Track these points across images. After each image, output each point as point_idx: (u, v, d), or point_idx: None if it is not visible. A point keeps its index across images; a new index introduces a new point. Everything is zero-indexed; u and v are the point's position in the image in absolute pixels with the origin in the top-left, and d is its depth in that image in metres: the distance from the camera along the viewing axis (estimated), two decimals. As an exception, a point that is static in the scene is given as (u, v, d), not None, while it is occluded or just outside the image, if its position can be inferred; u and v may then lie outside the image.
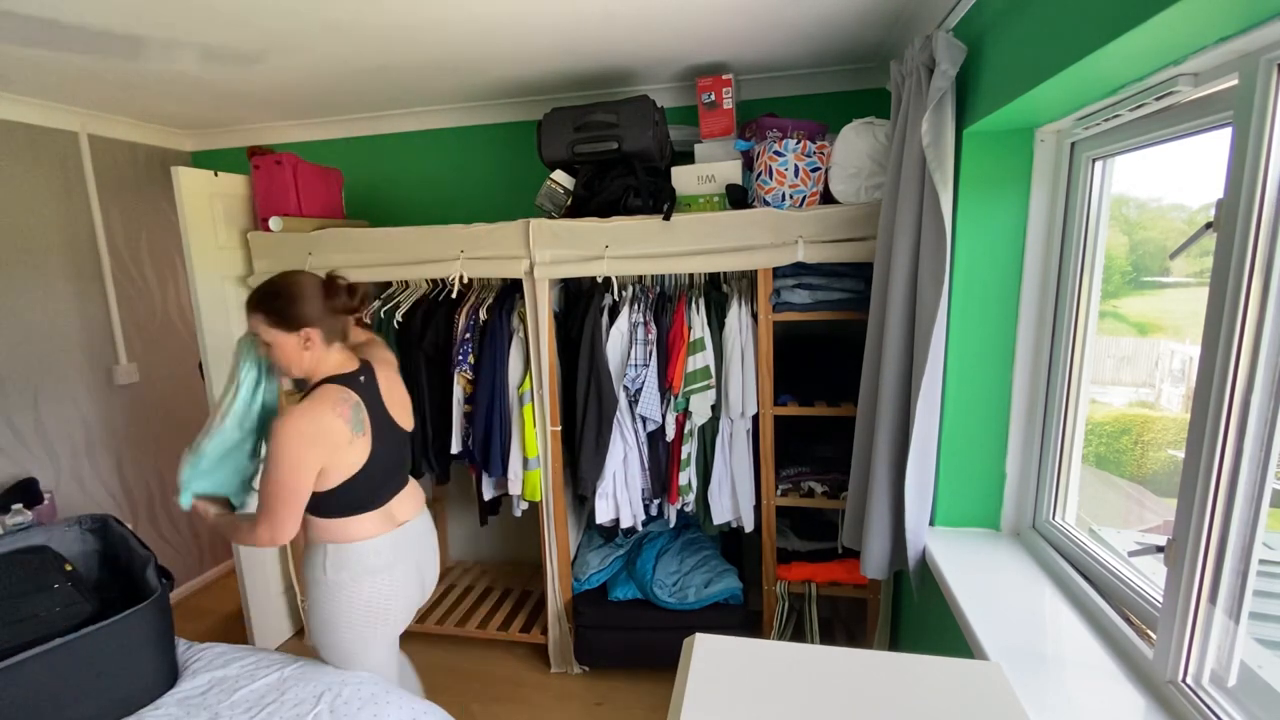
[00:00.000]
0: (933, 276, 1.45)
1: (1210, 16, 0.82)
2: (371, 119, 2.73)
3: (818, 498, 2.17)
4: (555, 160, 2.13)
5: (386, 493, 1.54)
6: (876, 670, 0.94)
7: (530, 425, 2.24)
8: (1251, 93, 0.89)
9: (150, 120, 2.75)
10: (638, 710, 2.23)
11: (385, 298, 2.38)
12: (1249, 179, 0.89)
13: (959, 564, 1.49)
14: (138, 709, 1.47)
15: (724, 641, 0.99)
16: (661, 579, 2.32)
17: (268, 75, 2.13)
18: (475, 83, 2.31)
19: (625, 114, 2.02)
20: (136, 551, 1.75)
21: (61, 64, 1.97)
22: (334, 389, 1.42)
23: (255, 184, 2.36)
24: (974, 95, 1.43)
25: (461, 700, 2.27)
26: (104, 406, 2.70)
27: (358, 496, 1.46)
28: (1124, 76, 1.07)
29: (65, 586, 1.60)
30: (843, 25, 1.87)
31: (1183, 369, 1.35)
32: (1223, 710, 0.95)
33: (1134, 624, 1.19)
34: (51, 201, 2.50)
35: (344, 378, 1.46)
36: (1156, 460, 1.48)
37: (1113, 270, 1.43)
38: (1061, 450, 1.51)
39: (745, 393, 2.08)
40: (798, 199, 1.94)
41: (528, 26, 1.78)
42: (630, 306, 2.15)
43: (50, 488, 2.44)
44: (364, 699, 1.49)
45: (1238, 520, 0.95)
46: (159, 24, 1.67)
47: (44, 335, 2.48)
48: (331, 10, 1.63)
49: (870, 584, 2.15)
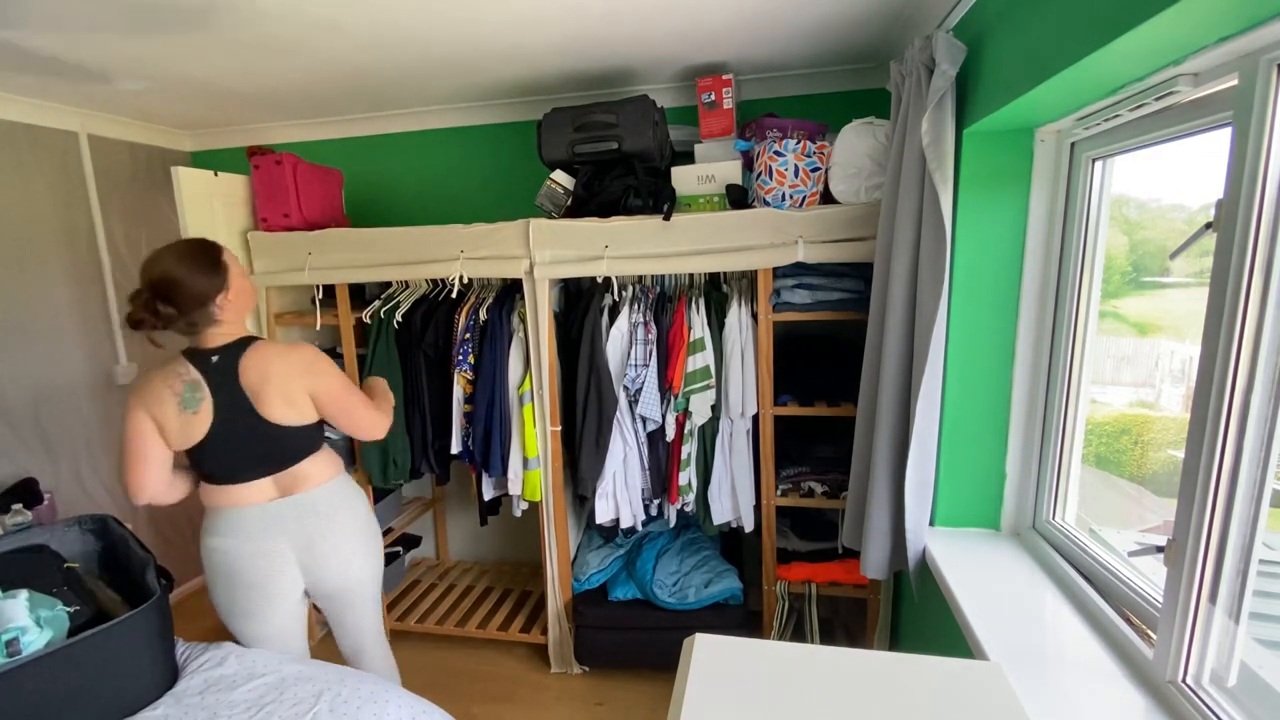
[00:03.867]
0: (933, 276, 1.45)
1: (1210, 16, 0.82)
2: (371, 119, 2.73)
3: (818, 498, 2.17)
4: (555, 160, 2.13)
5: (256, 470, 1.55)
6: (876, 670, 0.94)
7: (530, 425, 2.24)
8: (1251, 93, 0.89)
9: (150, 120, 2.75)
10: (638, 710, 2.23)
11: (385, 298, 2.38)
12: (1249, 179, 0.89)
13: (959, 564, 1.49)
14: (137, 710, 1.47)
15: (724, 641, 0.99)
16: (661, 579, 2.32)
17: (268, 75, 2.13)
18: (475, 82, 2.31)
19: (625, 114, 2.02)
20: (136, 552, 1.75)
21: (62, 64, 1.97)
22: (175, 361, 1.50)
23: (255, 184, 2.36)
24: (974, 95, 1.43)
25: (461, 700, 2.26)
26: (104, 406, 2.69)
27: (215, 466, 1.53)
28: (1124, 76, 1.07)
29: (64, 589, 1.60)
30: (843, 25, 1.87)
31: (1183, 369, 1.35)
32: (1223, 710, 0.95)
33: (1134, 624, 1.19)
34: (51, 201, 2.50)
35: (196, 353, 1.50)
36: (1156, 460, 1.48)
37: (1113, 270, 1.43)
38: (1061, 450, 1.51)
39: (745, 393, 2.08)
40: (798, 199, 1.94)
41: (527, 26, 1.78)
42: (630, 306, 2.14)
43: (50, 488, 2.44)
44: (364, 698, 1.49)
45: (1238, 520, 0.95)
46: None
47: (44, 335, 2.47)
48: (331, 10, 1.63)
49: (870, 584, 2.15)
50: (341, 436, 2.55)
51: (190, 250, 1.46)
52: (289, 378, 1.52)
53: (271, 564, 1.57)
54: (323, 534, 1.61)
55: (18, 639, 1.39)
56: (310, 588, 1.66)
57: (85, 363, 2.62)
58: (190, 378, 1.47)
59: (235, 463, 1.54)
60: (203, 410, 1.47)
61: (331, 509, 1.62)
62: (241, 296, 1.53)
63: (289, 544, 1.58)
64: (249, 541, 1.55)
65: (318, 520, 1.60)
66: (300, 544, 1.59)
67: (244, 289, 1.54)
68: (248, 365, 1.49)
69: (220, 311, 1.48)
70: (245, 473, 1.55)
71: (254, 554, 1.56)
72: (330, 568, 1.63)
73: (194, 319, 1.46)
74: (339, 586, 1.67)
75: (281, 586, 1.60)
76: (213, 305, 1.47)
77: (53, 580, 1.62)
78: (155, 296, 1.41)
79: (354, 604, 1.73)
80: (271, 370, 1.51)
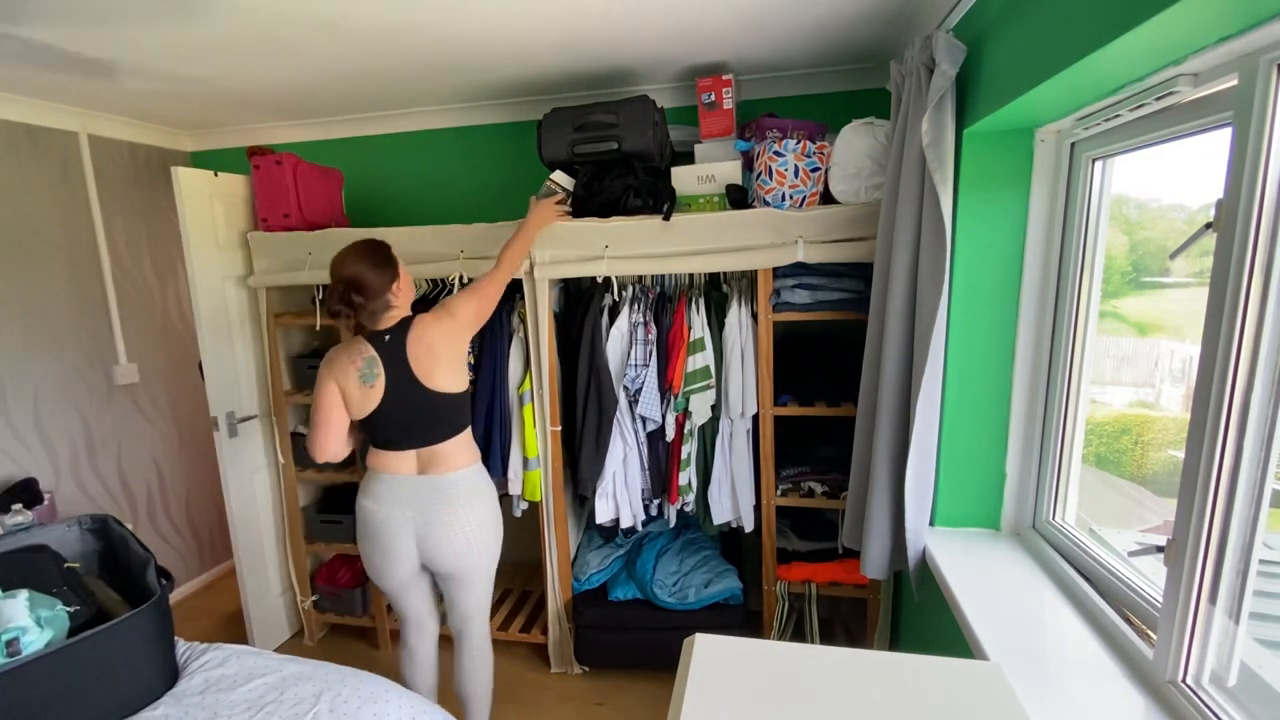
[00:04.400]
0: (933, 276, 1.45)
1: (1210, 16, 0.82)
2: (371, 119, 2.73)
3: (818, 498, 2.17)
4: (555, 160, 2.13)
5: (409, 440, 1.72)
6: (876, 670, 0.94)
7: (530, 425, 2.24)
8: (1251, 93, 0.89)
9: (150, 120, 2.75)
10: (638, 710, 2.23)
11: (385, 298, 2.37)
12: (1249, 179, 0.89)
13: (959, 564, 1.49)
14: (137, 710, 1.47)
15: (724, 641, 0.99)
16: (661, 579, 2.32)
17: (268, 75, 2.13)
18: (475, 83, 2.31)
19: (625, 114, 2.02)
20: (136, 552, 1.75)
21: (60, 55, 1.96)
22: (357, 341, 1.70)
23: (255, 184, 2.36)
24: (974, 95, 1.43)
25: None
26: (104, 406, 2.70)
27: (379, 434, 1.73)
28: (1124, 76, 1.07)
29: (64, 589, 1.60)
30: (843, 25, 1.87)
31: (1183, 369, 1.35)
32: (1223, 710, 0.95)
33: (1134, 624, 1.19)
34: (51, 201, 2.50)
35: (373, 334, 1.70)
36: (1156, 460, 1.48)
37: (1113, 270, 1.43)
38: (1061, 450, 1.51)
39: (745, 393, 2.08)
40: (798, 199, 1.94)
41: (527, 26, 1.78)
42: (630, 306, 2.14)
43: (50, 488, 2.44)
44: (364, 698, 1.49)
45: (1238, 520, 0.95)
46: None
47: (44, 335, 2.48)
48: (329, 10, 1.63)
49: (870, 584, 2.15)
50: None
51: (370, 249, 1.68)
52: (440, 338, 1.71)
53: (394, 531, 1.73)
54: (446, 517, 1.73)
55: (18, 639, 1.39)
56: (426, 563, 1.79)
57: (85, 363, 2.62)
58: (369, 354, 1.67)
59: (397, 430, 1.71)
60: (378, 384, 1.67)
61: (463, 495, 1.76)
62: (408, 284, 1.75)
63: (411, 518, 1.73)
64: (384, 507, 1.73)
65: (446, 504, 1.73)
66: (420, 522, 1.73)
67: (408, 277, 1.77)
68: (411, 339, 1.69)
69: (394, 298, 1.70)
70: (401, 441, 1.72)
71: (385, 519, 1.73)
72: (446, 550, 1.75)
73: (375, 307, 1.67)
74: (455, 568, 1.78)
75: (398, 553, 1.75)
76: (389, 294, 1.68)
77: (53, 580, 1.62)
78: (348, 289, 1.63)
79: (467, 586, 1.84)
80: (427, 337, 1.70)
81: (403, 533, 1.73)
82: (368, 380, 1.66)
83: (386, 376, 1.67)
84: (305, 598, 2.65)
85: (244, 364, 2.48)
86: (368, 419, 1.70)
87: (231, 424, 2.41)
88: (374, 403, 1.67)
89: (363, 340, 1.70)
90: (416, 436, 1.72)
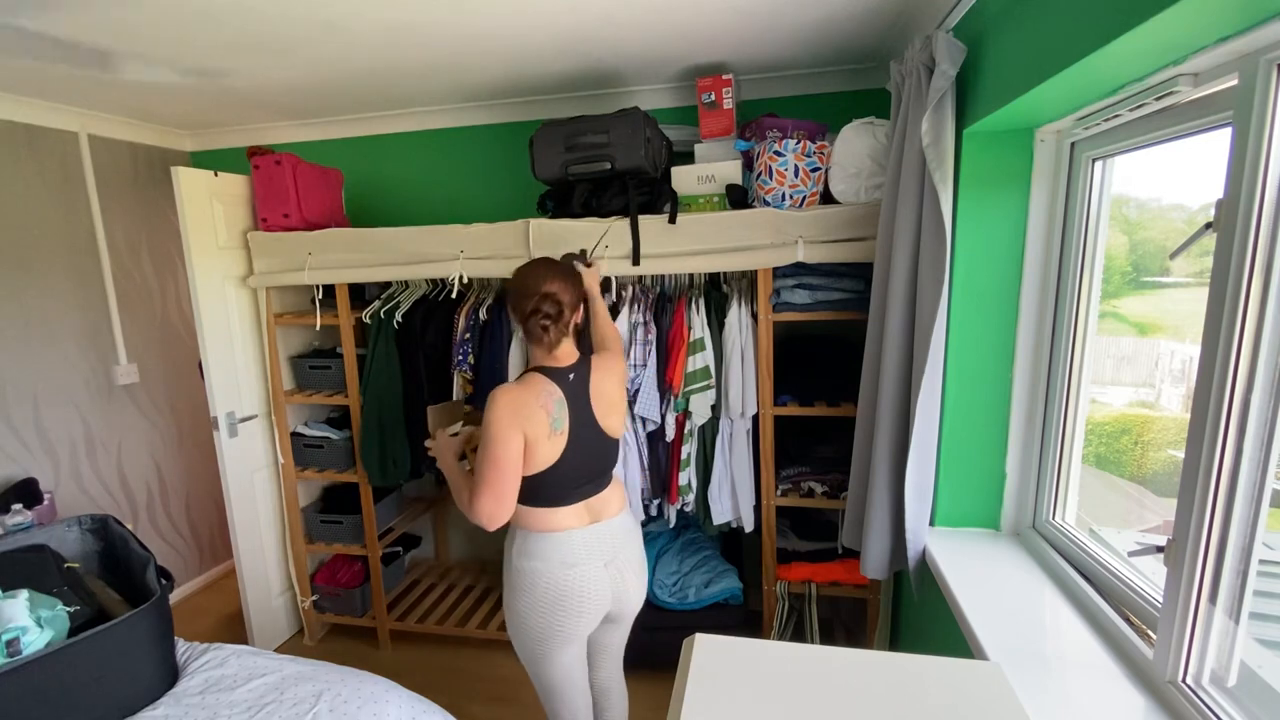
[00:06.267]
0: (933, 276, 1.45)
1: (1210, 16, 0.82)
2: (371, 119, 2.73)
3: (818, 498, 2.17)
4: (549, 179, 2.11)
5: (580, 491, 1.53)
6: (876, 670, 0.94)
7: (530, 425, 2.23)
8: (1251, 93, 0.89)
9: (150, 120, 2.75)
10: (638, 710, 2.23)
11: (385, 298, 2.38)
12: (1249, 179, 0.89)
13: (959, 564, 1.49)
14: (137, 710, 1.47)
15: (724, 641, 0.99)
16: (661, 579, 2.32)
17: (268, 75, 2.13)
18: (474, 83, 2.31)
19: (616, 132, 2.00)
20: (136, 552, 1.75)
21: (60, 56, 1.96)
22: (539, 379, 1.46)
23: (255, 184, 2.36)
24: (974, 95, 1.43)
25: (461, 700, 2.26)
26: (104, 406, 2.70)
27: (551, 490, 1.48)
28: (1124, 76, 1.07)
29: (64, 589, 1.60)
30: (843, 25, 1.87)
31: (1183, 369, 1.35)
32: (1223, 710, 0.95)
33: (1134, 624, 1.19)
34: (51, 201, 2.50)
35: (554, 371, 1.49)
36: (1156, 460, 1.48)
37: (1113, 270, 1.43)
38: (1061, 450, 1.51)
39: (745, 393, 2.08)
40: (798, 199, 1.94)
41: (526, 26, 1.78)
42: (630, 307, 2.14)
43: (50, 488, 2.44)
44: (364, 698, 1.49)
45: (1238, 520, 0.95)
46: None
47: (44, 335, 2.48)
48: (329, 10, 1.63)
49: (870, 584, 2.15)
50: (341, 436, 2.56)
51: (560, 266, 1.55)
52: (618, 380, 1.59)
53: (590, 590, 1.53)
54: (634, 555, 1.63)
55: (18, 639, 1.40)
56: (615, 611, 1.63)
57: (85, 363, 2.62)
58: (558, 396, 1.45)
59: (571, 482, 1.51)
60: (563, 430, 1.45)
61: (630, 535, 1.63)
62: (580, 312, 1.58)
63: (604, 567, 1.55)
64: (576, 568, 1.50)
65: (629, 544, 1.61)
66: (614, 569, 1.57)
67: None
68: (593, 379, 1.53)
69: (572, 324, 1.53)
70: (573, 493, 1.52)
71: (581, 579, 1.51)
72: (635, 589, 1.63)
73: (564, 329, 1.49)
74: (634, 608, 1.67)
75: (593, 610, 1.55)
76: (577, 317, 1.53)
77: (53, 580, 1.62)
78: (545, 301, 1.45)
79: (627, 626, 1.74)
80: (611, 377, 1.57)
81: (598, 587, 1.53)
82: (558, 426, 1.44)
83: (570, 421, 1.46)
84: (305, 598, 2.65)
85: (244, 364, 2.48)
86: (543, 472, 1.45)
87: (231, 424, 2.41)
88: (557, 453, 1.45)
89: (544, 378, 1.46)
90: (591, 483, 1.55)
